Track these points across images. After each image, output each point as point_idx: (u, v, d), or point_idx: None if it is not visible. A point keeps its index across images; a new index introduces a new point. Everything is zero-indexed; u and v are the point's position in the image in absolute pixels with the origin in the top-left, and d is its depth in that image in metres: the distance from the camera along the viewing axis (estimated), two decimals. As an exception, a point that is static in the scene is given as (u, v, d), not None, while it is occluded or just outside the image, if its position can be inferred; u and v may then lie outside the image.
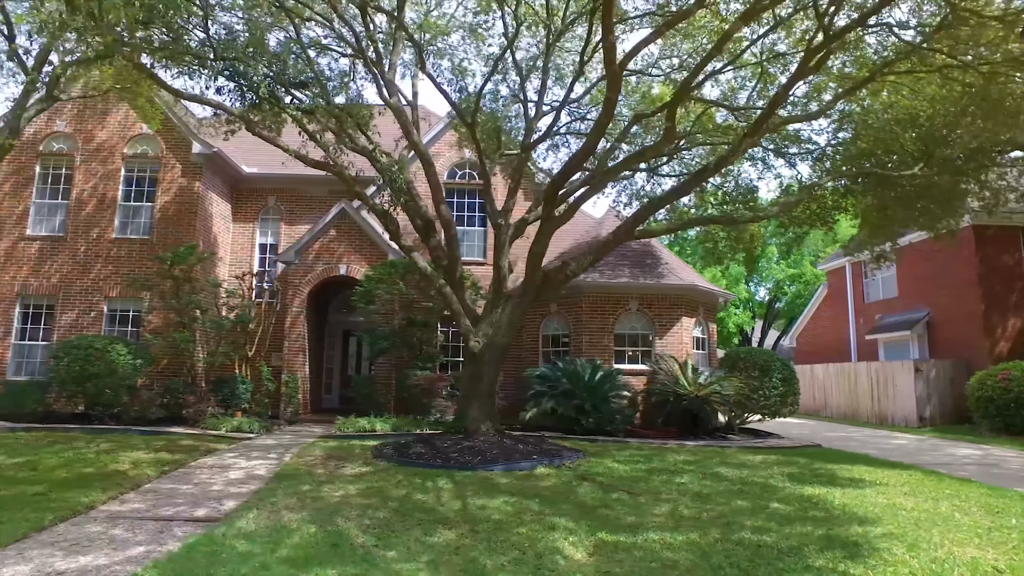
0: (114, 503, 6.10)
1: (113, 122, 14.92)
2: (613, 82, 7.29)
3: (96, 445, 9.53)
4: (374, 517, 5.73)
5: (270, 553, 4.63)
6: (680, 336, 14.81)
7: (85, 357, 11.77)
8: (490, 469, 8.16)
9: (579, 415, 12.37)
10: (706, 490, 7.48)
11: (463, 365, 10.33)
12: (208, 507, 6.04)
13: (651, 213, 9.24)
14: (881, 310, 22.35)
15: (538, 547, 5.07)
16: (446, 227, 10.27)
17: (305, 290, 14.87)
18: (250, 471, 7.95)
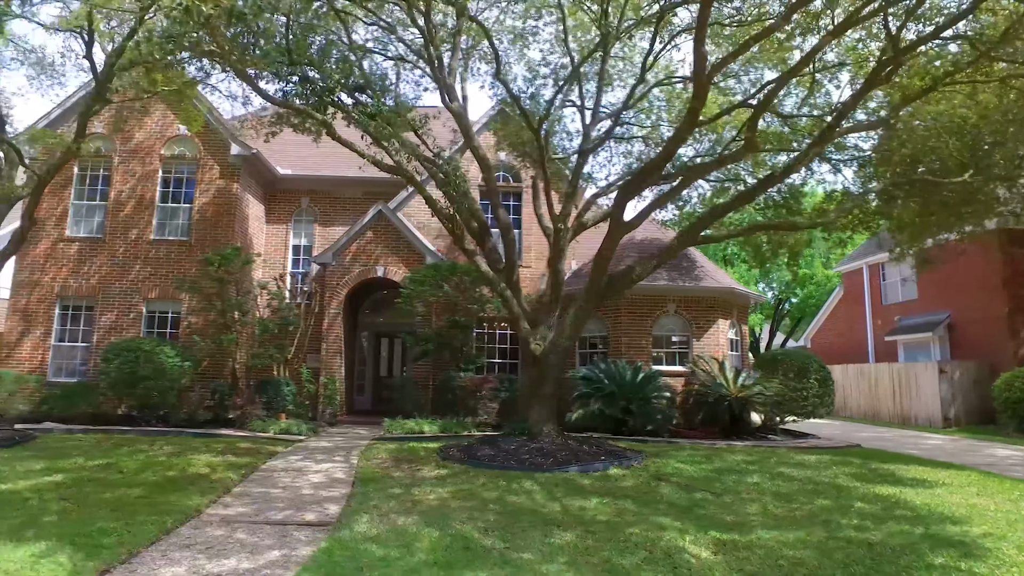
0: (217, 507, 6.14)
1: (150, 123, 14.89)
2: (700, 92, 7.39)
3: (159, 448, 9.54)
4: (484, 520, 5.80)
5: (409, 556, 4.70)
6: (716, 338, 14.95)
7: (135, 359, 11.76)
8: (565, 470, 8.24)
9: (625, 416, 12.48)
10: (782, 490, 7.60)
11: (522, 368, 10.39)
12: (313, 511, 6.08)
13: (717, 219, 9.36)
14: (900, 312, 22.59)
15: (660, 546, 5.16)
16: (505, 231, 10.34)
17: (343, 292, 14.90)
18: (328, 474, 7.99)
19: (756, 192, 9.00)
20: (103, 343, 13.82)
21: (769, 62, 11.47)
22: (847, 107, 8.31)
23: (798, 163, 8.60)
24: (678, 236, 9.33)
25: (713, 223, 9.40)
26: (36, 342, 13.86)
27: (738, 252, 34.58)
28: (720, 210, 9.21)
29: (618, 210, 9.04)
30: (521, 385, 10.36)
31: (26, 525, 5.17)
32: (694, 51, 7.09)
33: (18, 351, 13.75)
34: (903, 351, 21.97)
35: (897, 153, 11.29)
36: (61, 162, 10.20)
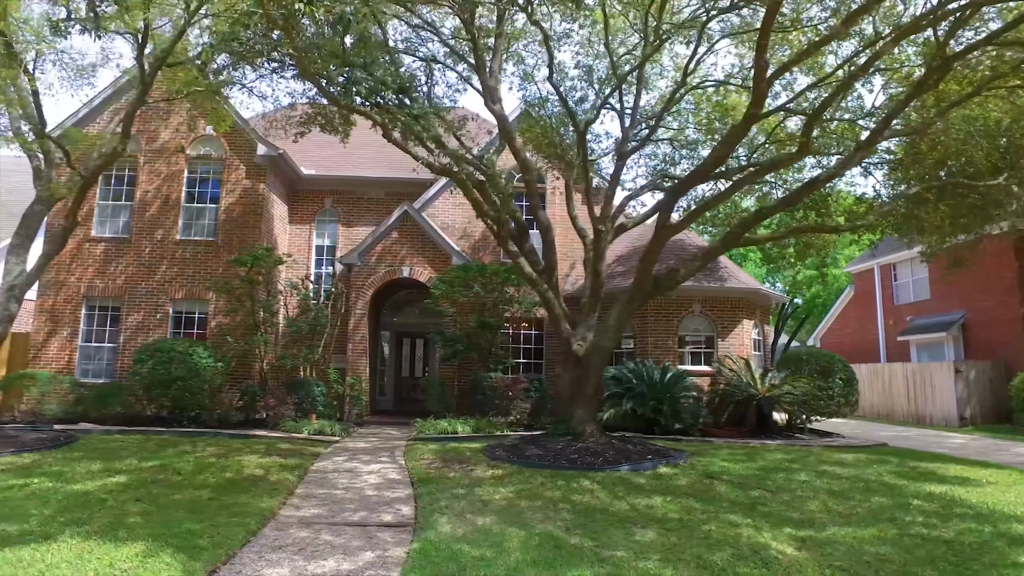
0: (289, 508, 6.16)
1: (175, 123, 14.86)
2: (759, 99, 7.45)
3: (203, 449, 9.53)
4: (560, 519, 5.84)
5: (506, 556, 4.74)
6: (741, 338, 15.05)
7: (169, 360, 11.74)
8: (617, 470, 8.30)
9: (656, 415, 12.56)
10: (834, 487, 7.68)
11: (562, 368, 10.43)
12: (387, 512, 6.11)
13: (760, 221, 9.42)
14: (912, 312, 22.77)
15: (742, 543, 5.23)
16: (544, 232, 10.38)
17: (369, 292, 14.91)
18: (382, 475, 8.02)
19: (801, 195, 9.07)
20: (130, 344, 13.81)
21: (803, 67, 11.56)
22: (894, 112, 8.40)
23: (843, 167, 8.68)
24: (723, 239, 9.40)
25: (757, 225, 9.46)
26: (63, 343, 13.82)
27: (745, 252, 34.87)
28: (765, 213, 9.29)
29: (665, 213, 9.10)
30: (561, 386, 10.40)
31: (114, 525, 5.17)
32: (755, 59, 7.15)
33: (46, 352, 13.70)
34: (916, 351, 22.16)
35: (929, 156, 11.41)
36: (106, 163, 10.16)
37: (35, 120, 9.70)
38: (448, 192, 16.17)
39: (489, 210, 9.82)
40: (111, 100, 14.67)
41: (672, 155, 15.10)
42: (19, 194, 18.90)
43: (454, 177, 9.77)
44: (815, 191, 9.08)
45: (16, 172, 20.29)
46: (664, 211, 9.13)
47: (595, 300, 10.30)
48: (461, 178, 9.55)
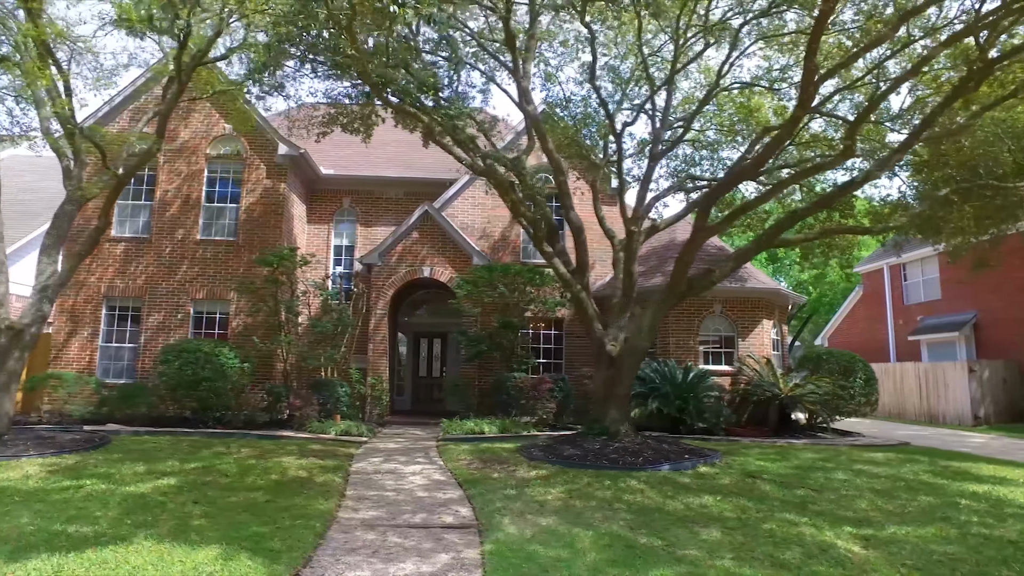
0: (347, 510, 6.14)
1: (195, 122, 14.79)
2: (806, 101, 7.47)
3: (237, 450, 9.49)
4: (621, 518, 5.85)
5: (583, 557, 4.74)
6: (761, 337, 15.10)
7: (195, 361, 11.69)
8: (658, 469, 8.31)
9: (682, 415, 12.60)
10: (876, 486, 7.71)
11: (595, 368, 10.43)
12: (446, 514, 6.11)
13: (794, 223, 9.44)
14: (923, 312, 22.88)
15: (807, 542, 5.25)
16: (577, 233, 10.37)
17: (389, 292, 14.88)
18: (425, 476, 8.01)
19: (836, 196, 9.10)
20: (150, 344, 13.75)
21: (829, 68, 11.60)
22: (934, 114, 8.42)
23: (881, 168, 8.71)
24: (756, 240, 9.42)
25: (790, 227, 9.49)
26: (83, 343, 13.74)
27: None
28: (800, 214, 9.31)
29: (703, 215, 9.11)
30: (595, 386, 10.41)
31: (182, 528, 5.15)
32: (805, 63, 7.18)
33: (66, 352, 13.62)
34: (927, 350, 22.26)
35: (953, 158, 11.47)
36: (141, 162, 10.11)
37: (67, 119, 9.63)
38: (468, 192, 16.18)
39: (526, 211, 9.80)
40: (130, 100, 14.60)
41: (692, 156, 15.15)
42: (32, 192, 18.80)
43: (494, 178, 9.74)
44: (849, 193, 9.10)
45: (28, 172, 20.18)
46: (702, 213, 9.15)
47: (627, 300, 10.31)
48: (501, 179, 9.53)
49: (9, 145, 12.43)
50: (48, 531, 4.91)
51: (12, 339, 9.12)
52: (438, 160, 17.74)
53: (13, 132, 12.24)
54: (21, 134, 12.40)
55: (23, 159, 19.79)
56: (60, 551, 4.45)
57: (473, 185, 16.29)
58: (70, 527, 5.03)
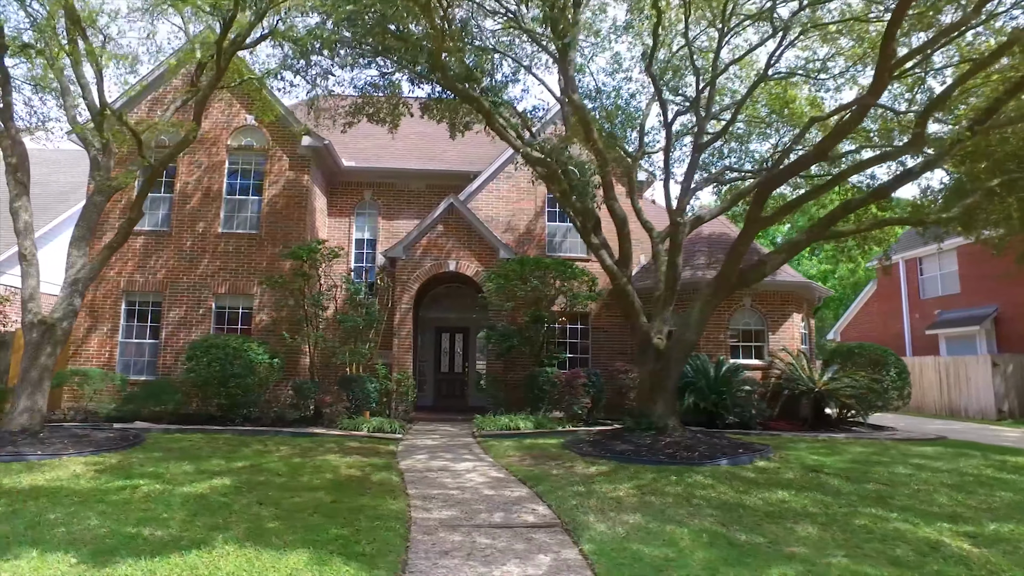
0: (419, 511, 5.86)
1: (216, 113, 14.43)
2: (879, 88, 7.24)
3: (275, 448, 9.21)
4: (706, 514, 5.62)
5: (690, 555, 4.50)
6: (791, 331, 14.91)
7: (223, 357, 11.37)
8: (717, 463, 8.09)
9: (718, 409, 12.41)
10: (945, 480, 7.52)
11: (640, 362, 10.19)
12: (525, 512, 5.85)
13: (847, 214, 9.20)
14: (940, 306, 22.77)
15: (910, 538, 5.03)
16: (620, 225, 10.11)
17: (414, 286, 14.59)
18: (482, 473, 7.75)
19: (893, 186, 8.88)
20: (172, 340, 13.42)
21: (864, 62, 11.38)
22: (998, 104, 8.19)
23: (939, 159, 8.49)
24: (807, 231, 9.18)
25: (844, 217, 9.25)
26: (103, 339, 13.40)
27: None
28: (854, 205, 9.07)
29: (756, 205, 8.86)
30: (641, 380, 10.17)
31: (259, 531, 4.87)
32: (881, 48, 6.94)
33: (86, 348, 13.28)
34: (945, 345, 22.16)
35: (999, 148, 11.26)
36: (176, 150, 9.78)
37: (95, 107, 9.29)
38: (492, 185, 15.90)
39: (576, 202, 9.53)
40: (150, 89, 14.24)
41: (720, 148, 14.90)
42: (42, 187, 18.37)
43: (548, 168, 9.44)
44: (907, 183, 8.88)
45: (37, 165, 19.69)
46: (755, 204, 8.89)
47: (671, 293, 10.08)
48: (554, 169, 9.24)
49: (26, 135, 12.06)
50: (122, 534, 4.62)
51: (44, 334, 8.79)
52: (460, 153, 17.49)
53: (31, 123, 11.90)
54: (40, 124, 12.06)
55: (32, 152, 19.34)
56: (144, 555, 4.17)
57: (497, 178, 16.02)
58: (143, 530, 4.75)
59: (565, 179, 9.49)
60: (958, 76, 8.06)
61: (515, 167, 15.62)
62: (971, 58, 9.16)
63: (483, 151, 17.47)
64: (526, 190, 15.95)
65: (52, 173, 19.78)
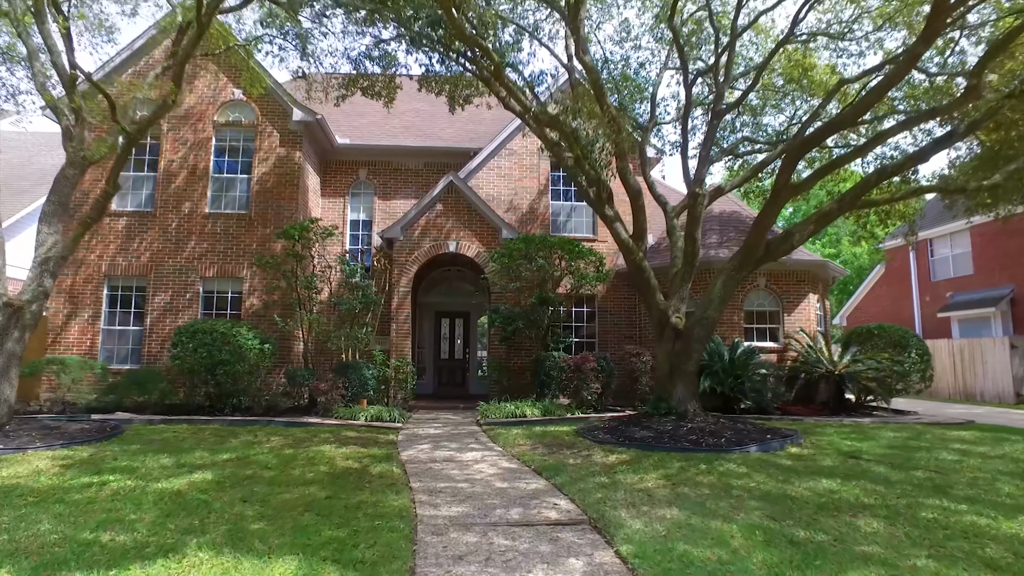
0: (426, 507, 5.19)
1: (202, 86, 13.61)
2: (930, 36, 6.52)
3: (265, 439, 8.51)
4: (751, 507, 4.96)
5: (748, 557, 3.84)
6: (807, 312, 14.26)
7: (211, 342, 10.65)
8: (747, 450, 7.45)
9: (735, 393, 11.79)
10: (1000, 468, 6.90)
11: (657, 343, 9.51)
12: (545, 508, 5.18)
13: (882, 181, 8.49)
14: (952, 288, 22.18)
15: (994, 535, 4.38)
16: (634, 197, 9.38)
17: (412, 268, 13.86)
18: (492, 464, 7.08)
19: (928, 153, 8.17)
20: (157, 326, 12.68)
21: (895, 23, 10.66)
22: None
23: (986, 118, 7.79)
24: (838, 200, 8.48)
25: (878, 184, 8.55)
26: (84, 326, 12.64)
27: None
28: (890, 171, 8.36)
29: (785, 173, 8.13)
30: (659, 362, 9.50)
31: (240, 534, 4.18)
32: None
33: (65, 335, 12.52)
34: (958, 327, 21.58)
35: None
36: (155, 117, 8.99)
37: (66, 71, 8.49)
38: (493, 162, 15.14)
39: (589, 169, 8.80)
40: (130, 63, 13.39)
41: (732, 122, 14.19)
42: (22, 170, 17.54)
43: (560, 129, 8.68)
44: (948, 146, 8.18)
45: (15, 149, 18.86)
46: (784, 170, 8.17)
47: (690, 269, 9.40)
48: (567, 131, 8.48)
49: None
50: (77, 540, 3.92)
51: (11, 317, 8.05)
52: (460, 130, 16.71)
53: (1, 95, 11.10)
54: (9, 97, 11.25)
55: (10, 136, 18.49)
56: (98, 567, 3.48)
57: (498, 155, 15.26)
58: (103, 535, 4.05)
59: (577, 145, 8.75)
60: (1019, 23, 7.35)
61: (522, 135, 14.88)
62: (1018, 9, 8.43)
63: (483, 128, 16.71)
64: (529, 167, 15.22)
65: (34, 156, 18.94)
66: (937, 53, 10.94)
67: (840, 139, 12.59)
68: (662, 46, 12.74)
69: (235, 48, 10.69)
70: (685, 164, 9.84)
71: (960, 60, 10.66)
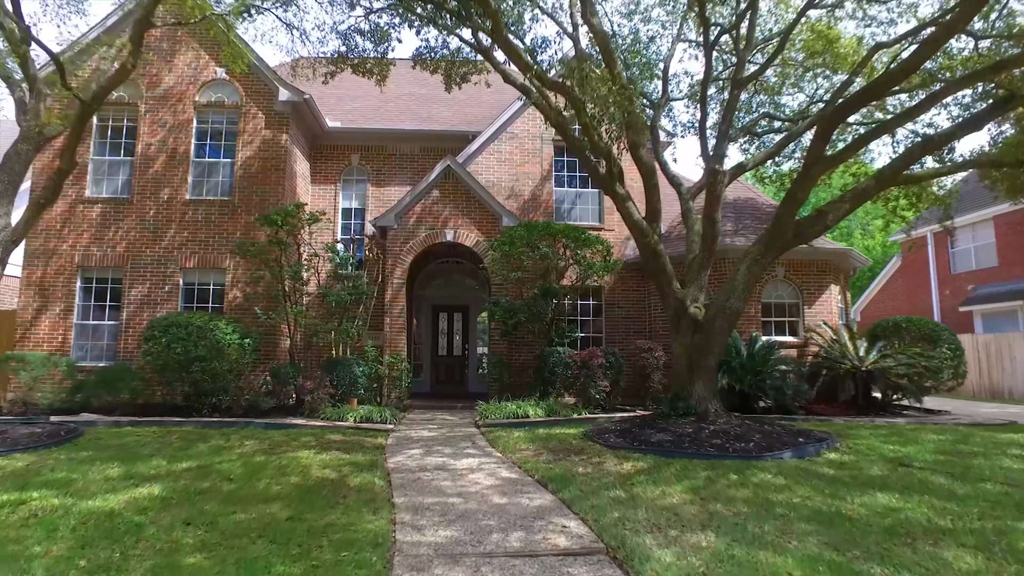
0: (408, 530, 4.31)
1: (181, 65, 12.74)
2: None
3: (239, 443, 7.65)
4: (805, 531, 4.07)
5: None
6: (829, 304, 13.35)
7: (186, 337, 9.79)
8: (779, 457, 6.56)
9: (756, 391, 10.89)
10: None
11: (675, 336, 8.61)
12: (552, 531, 4.29)
13: (927, 153, 7.58)
14: (974, 280, 21.21)
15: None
16: (647, 176, 8.48)
17: (408, 258, 12.97)
18: (491, 473, 6.19)
19: (983, 120, 7.25)
20: (134, 321, 11.82)
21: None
22: None
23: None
24: (876, 176, 7.56)
25: (921, 158, 7.64)
26: (55, 321, 11.78)
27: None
28: (937, 142, 7.44)
29: (818, 145, 7.20)
30: (676, 356, 8.60)
31: (167, 570, 3.31)
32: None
33: (35, 331, 11.67)
34: (981, 322, 20.61)
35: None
36: (112, 84, 8.10)
37: (14, 34, 7.61)
38: (493, 147, 14.24)
39: (599, 140, 7.88)
40: (103, 41, 12.48)
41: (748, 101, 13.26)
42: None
43: (568, 94, 7.75)
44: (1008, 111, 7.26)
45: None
46: (817, 142, 7.24)
47: (709, 255, 8.50)
48: (575, 96, 7.55)
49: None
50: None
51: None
52: (457, 113, 15.82)
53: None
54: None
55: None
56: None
57: (499, 139, 14.35)
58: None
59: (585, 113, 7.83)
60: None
61: (523, 118, 14.02)
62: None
63: (482, 111, 15.82)
64: (531, 152, 14.32)
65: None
66: (981, 17, 9.99)
67: (867, 114, 11.65)
68: (674, 18, 11.84)
69: (212, 18, 9.78)
70: (703, 139, 8.92)
71: (1007, 24, 9.69)
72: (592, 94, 7.37)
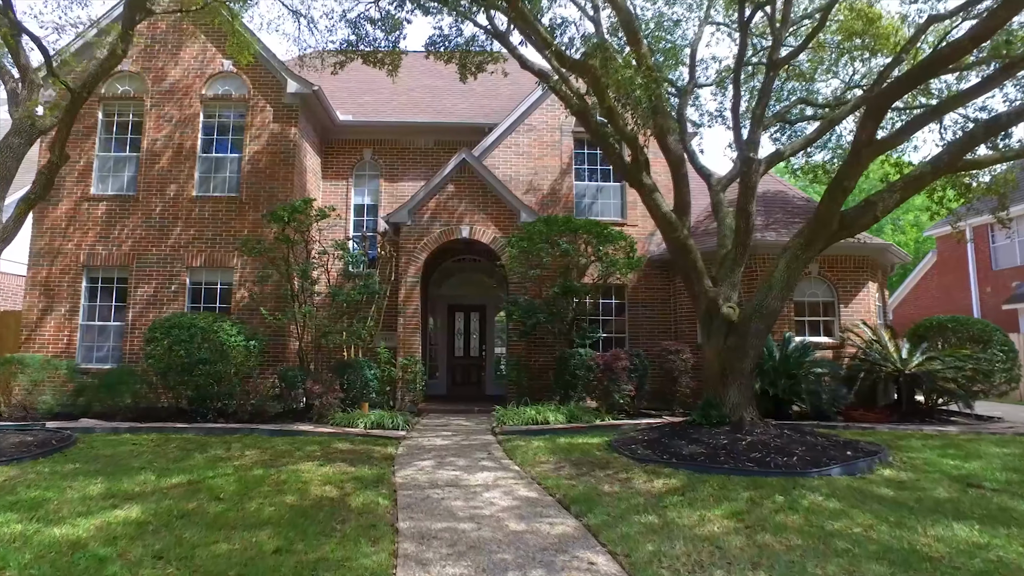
0: (411, 566, 3.74)
1: (187, 58, 12.35)
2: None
3: (239, 452, 7.18)
4: (866, 571, 3.42)
5: None
6: (866, 303, 12.53)
7: (189, 339, 9.37)
8: (826, 472, 5.89)
9: (792, 396, 10.18)
10: None
11: (707, 336, 7.96)
12: (574, 570, 3.70)
13: (992, 135, 6.84)
14: (1018, 277, 20.10)
15: None
16: (675, 166, 7.82)
17: (422, 256, 12.44)
18: (508, 491, 5.60)
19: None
20: (140, 321, 11.47)
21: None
22: None
23: None
24: (933, 161, 6.83)
25: (986, 140, 6.91)
26: (61, 322, 11.47)
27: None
28: (1004, 123, 6.66)
29: (870, 124, 6.47)
30: (708, 361, 7.94)
31: (120, 626, 2.79)
32: None
33: (40, 332, 11.37)
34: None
35: None
36: (103, 70, 7.67)
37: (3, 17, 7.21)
38: (510, 139, 13.65)
39: (624, 125, 7.25)
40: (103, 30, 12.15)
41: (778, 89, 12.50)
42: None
43: (591, 75, 7.12)
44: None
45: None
46: (867, 123, 6.52)
47: (743, 250, 7.84)
48: (597, 75, 6.92)
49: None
50: None
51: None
52: (472, 105, 15.27)
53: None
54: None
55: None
56: None
57: (516, 131, 13.76)
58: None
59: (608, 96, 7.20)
60: None
61: (542, 109, 13.45)
62: None
63: (499, 103, 15.24)
64: (550, 144, 13.71)
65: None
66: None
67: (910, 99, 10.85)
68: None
69: (215, 4, 9.34)
70: (737, 125, 8.23)
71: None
72: (616, 76, 6.74)
